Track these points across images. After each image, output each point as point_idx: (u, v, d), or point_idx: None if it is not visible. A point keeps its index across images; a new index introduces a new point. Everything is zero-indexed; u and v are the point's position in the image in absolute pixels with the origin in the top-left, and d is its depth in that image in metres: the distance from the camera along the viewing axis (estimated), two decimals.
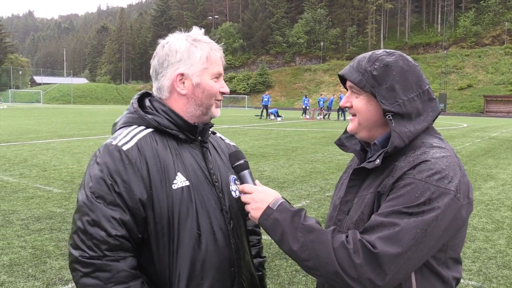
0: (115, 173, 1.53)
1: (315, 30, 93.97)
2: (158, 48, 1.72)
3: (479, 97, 63.32)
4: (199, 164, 1.69)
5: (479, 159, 13.63)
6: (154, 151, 1.60)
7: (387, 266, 1.31)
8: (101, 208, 1.50)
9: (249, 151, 14.08)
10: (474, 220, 6.81)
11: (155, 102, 1.72)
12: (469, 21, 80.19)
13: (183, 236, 1.59)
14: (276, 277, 4.63)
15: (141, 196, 1.54)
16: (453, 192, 1.37)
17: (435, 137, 1.53)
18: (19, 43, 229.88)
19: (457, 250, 1.51)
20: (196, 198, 1.63)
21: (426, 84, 1.54)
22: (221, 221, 1.68)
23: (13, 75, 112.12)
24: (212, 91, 1.69)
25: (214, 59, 1.69)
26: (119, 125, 1.70)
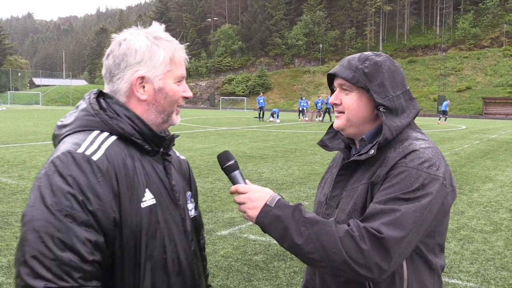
0: (87, 187, 1.26)
1: (314, 32, 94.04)
2: (113, 46, 1.47)
3: (478, 99, 63.42)
4: (162, 180, 1.49)
5: (477, 161, 13.65)
6: (123, 163, 1.37)
7: (393, 250, 1.37)
8: (73, 228, 1.22)
9: (248, 153, 14.09)
10: (473, 222, 6.83)
11: (116, 105, 1.45)
12: (468, 23, 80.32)
13: (150, 261, 1.40)
14: (274, 278, 4.63)
15: (115, 215, 1.31)
16: (441, 178, 1.47)
17: (417, 132, 1.63)
18: (18, 45, 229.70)
19: (442, 236, 1.59)
20: (162, 219, 1.44)
21: (407, 84, 1.66)
22: (185, 244, 1.52)
23: (12, 77, 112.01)
24: (176, 96, 1.49)
25: (178, 60, 1.49)
26: (73, 129, 1.41)
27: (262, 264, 4.98)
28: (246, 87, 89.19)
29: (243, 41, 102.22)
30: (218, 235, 5.90)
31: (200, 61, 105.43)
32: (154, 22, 1.54)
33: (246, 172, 10.55)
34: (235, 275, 4.69)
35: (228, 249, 5.40)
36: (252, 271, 4.80)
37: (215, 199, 7.81)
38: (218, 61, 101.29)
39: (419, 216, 1.41)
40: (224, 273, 4.71)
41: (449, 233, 6.23)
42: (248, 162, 12.14)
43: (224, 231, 6.08)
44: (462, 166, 12.38)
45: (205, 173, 10.22)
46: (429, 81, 73.73)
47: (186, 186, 1.68)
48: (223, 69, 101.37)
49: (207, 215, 6.83)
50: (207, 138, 19.07)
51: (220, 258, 5.11)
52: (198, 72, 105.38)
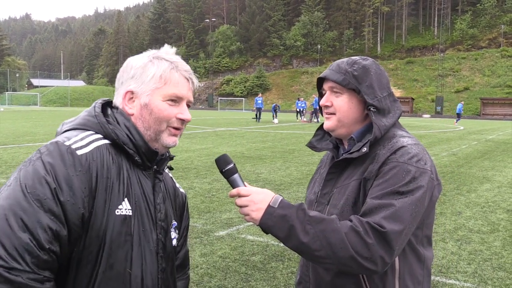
0: (63, 178, 1.27)
1: (312, 33, 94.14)
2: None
3: (476, 99, 63.55)
4: (146, 195, 1.47)
5: (475, 161, 13.67)
6: (107, 166, 1.38)
7: (395, 243, 1.44)
8: (38, 212, 1.22)
9: (246, 154, 14.09)
10: (470, 222, 6.84)
11: (119, 114, 1.48)
12: (466, 24, 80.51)
13: (111, 271, 1.35)
14: (272, 279, 4.64)
15: (84, 211, 1.30)
16: (429, 171, 1.56)
17: (403, 131, 1.72)
18: (16, 45, 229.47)
19: (430, 229, 1.67)
20: (135, 233, 1.40)
21: (391, 87, 1.76)
22: (153, 267, 1.46)
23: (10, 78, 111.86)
24: (162, 114, 1.46)
25: (171, 79, 1.47)
26: (72, 125, 1.46)
27: (260, 265, 4.98)
28: (245, 87, 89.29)
29: (241, 42, 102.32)
30: (216, 236, 5.90)
31: (198, 62, 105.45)
32: (166, 45, 1.58)
33: (244, 173, 10.55)
34: (233, 275, 4.69)
35: (226, 250, 5.40)
36: (250, 271, 4.80)
37: (213, 199, 7.81)
38: (216, 61, 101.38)
39: (414, 208, 1.49)
40: (222, 274, 4.71)
41: (447, 233, 6.24)
42: (246, 163, 12.15)
43: (222, 231, 6.09)
44: (459, 167, 12.40)
45: (203, 173, 10.22)
46: (427, 81, 73.86)
47: (174, 216, 1.64)
48: (222, 70, 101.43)
49: (205, 215, 6.83)
50: (206, 138, 19.08)
51: (218, 259, 5.11)
52: (197, 72, 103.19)
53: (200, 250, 5.37)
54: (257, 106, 36.44)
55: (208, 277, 4.63)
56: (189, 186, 8.89)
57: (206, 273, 4.71)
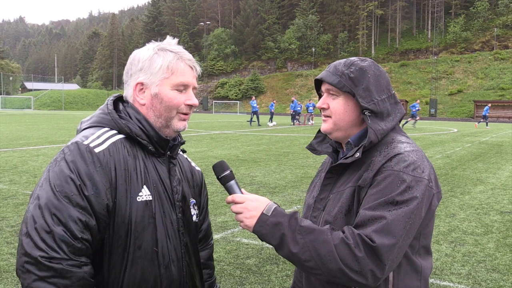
0: (86, 174, 1.44)
1: (306, 36, 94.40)
2: (128, 59, 1.68)
3: (469, 102, 63.87)
4: (162, 180, 1.62)
5: (469, 163, 13.73)
6: (124, 159, 1.53)
7: (385, 257, 1.40)
8: (68, 208, 1.40)
9: (241, 157, 14.09)
10: (464, 224, 6.86)
11: (130, 108, 1.63)
12: (459, 27, 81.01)
13: (139, 251, 1.52)
14: (267, 282, 4.63)
15: (108, 202, 1.46)
16: (426, 180, 1.50)
17: (402, 135, 1.66)
18: (9, 48, 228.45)
19: (428, 239, 1.62)
20: (157, 215, 1.56)
21: (392, 89, 1.70)
22: (176, 242, 1.62)
23: (4, 81, 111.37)
24: (172, 102, 1.59)
25: (177, 68, 1.59)
26: (88, 123, 1.61)
27: (254, 268, 4.98)
28: (239, 91, 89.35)
29: (236, 45, 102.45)
30: None
31: None
32: (168, 37, 1.67)
33: (239, 176, 10.55)
34: (228, 279, 4.68)
35: (221, 253, 5.39)
36: (245, 274, 4.80)
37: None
38: (211, 65, 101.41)
39: (408, 220, 1.43)
40: (217, 277, 4.70)
41: (441, 235, 6.26)
42: (241, 166, 12.14)
43: (217, 235, 6.08)
44: (453, 169, 12.45)
45: None
46: (421, 84, 74.17)
47: (192, 193, 1.79)
48: (216, 73, 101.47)
49: None
50: (200, 142, 19.06)
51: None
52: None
53: None
54: (254, 110, 35.65)
55: None
56: None
57: None
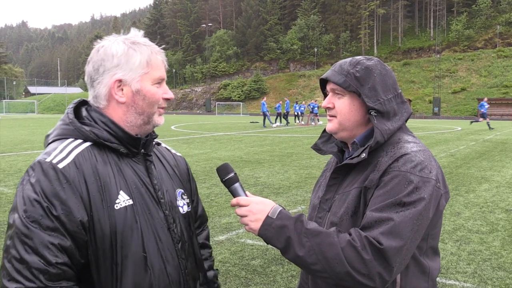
0: (52, 194, 1.35)
1: (308, 36, 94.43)
2: (92, 53, 1.55)
3: (473, 100, 63.65)
4: (142, 180, 1.54)
5: (473, 161, 13.70)
6: (93, 168, 1.44)
7: (393, 259, 1.38)
8: (38, 233, 1.32)
9: (245, 158, 14.10)
10: (469, 223, 6.85)
11: (93, 112, 1.53)
12: (461, 25, 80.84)
13: (128, 260, 1.45)
14: (272, 282, 4.64)
15: (82, 218, 1.38)
16: (434, 181, 1.48)
17: (409, 135, 1.64)
18: (12, 53, 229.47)
19: (436, 239, 1.60)
20: (141, 218, 1.49)
21: (399, 88, 1.68)
22: (168, 241, 1.55)
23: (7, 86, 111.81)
24: (154, 98, 1.53)
25: (155, 63, 1.54)
26: (52, 138, 1.51)
27: (259, 269, 4.98)
28: (242, 92, 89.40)
29: (238, 46, 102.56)
30: (216, 240, 5.90)
31: (195, 67, 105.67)
32: (133, 29, 1.59)
33: (243, 177, 10.55)
34: (233, 280, 4.69)
35: (226, 254, 5.40)
36: (250, 275, 4.80)
37: (212, 204, 7.81)
38: (213, 66, 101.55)
39: (416, 222, 1.41)
40: (222, 278, 4.71)
41: (446, 234, 6.25)
42: (244, 167, 12.15)
43: (222, 236, 6.09)
44: (458, 167, 12.42)
45: (201, 178, 10.22)
46: (424, 83, 74.04)
47: (178, 183, 1.71)
48: (219, 75, 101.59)
49: None
50: (204, 143, 19.08)
51: (218, 263, 5.11)
52: (194, 77, 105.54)
53: None
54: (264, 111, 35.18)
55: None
56: None
57: None
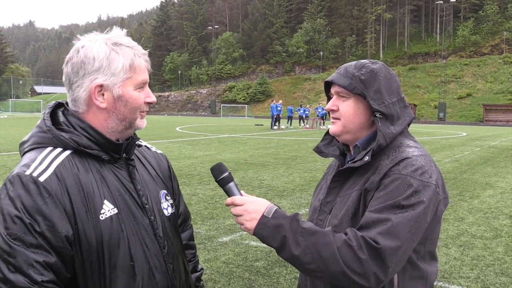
0: (34, 209, 1.28)
1: (314, 39, 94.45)
2: (71, 53, 1.45)
3: (479, 106, 63.51)
4: (126, 187, 1.48)
5: (478, 167, 13.67)
6: (75, 179, 1.37)
7: (389, 260, 1.38)
8: (21, 251, 1.25)
9: (249, 160, 14.13)
10: (473, 228, 6.85)
11: (71, 116, 1.45)
12: (468, 30, 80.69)
13: (116, 271, 1.40)
14: (275, 284, 4.66)
15: (66, 233, 1.32)
16: (434, 185, 1.49)
17: (411, 140, 1.65)
18: (19, 53, 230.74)
19: (434, 244, 1.60)
20: (127, 227, 1.44)
21: (402, 92, 1.68)
22: (155, 247, 1.51)
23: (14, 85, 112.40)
24: (137, 103, 1.46)
25: (138, 66, 1.46)
26: (29, 146, 1.43)
27: (263, 270, 5.01)
28: (247, 94, 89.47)
29: (244, 49, 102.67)
30: (220, 242, 5.93)
31: (201, 69, 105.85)
32: (115, 27, 1.51)
33: (247, 179, 10.58)
34: (237, 281, 4.71)
35: (230, 256, 5.43)
36: (253, 277, 4.83)
37: (216, 206, 7.84)
38: (219, 68, 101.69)
39: (414, 224, 1.42)
40: (226, 279, 4.74)
41: (450, 239, 6.26)
42: (249, 169, 12.18)
43: (225, 237, 6.11)
44: (462, 173, 12.40)
45: (206, 180, 10.25)
46: (429, 88, 73.91)
47: (161, 184, 1.66)
48: (224, 77, 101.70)
49: (208, 221, 6.86)
50: (208, 145, 19.12)
51: (222, 264, 5.14)
52: (199, 79, 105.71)
53: (204, 255, 5.40)
54: (278, 113, 35.05)
55: (212, 283, 4.66)
56: (192, 192, 8.92)
57: (210, 279, 4.74)
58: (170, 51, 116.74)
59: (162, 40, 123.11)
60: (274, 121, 35.45)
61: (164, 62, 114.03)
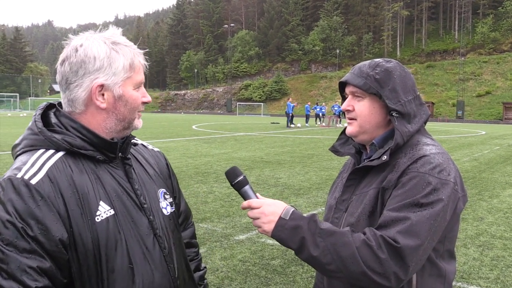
0: (26, 213, 1.23)
1: (331, 37, 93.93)
2: (69, 51, 1.40)
3: (498, 104, 62.53)
4: (123, 187, 1.44)
5: (497, 166, 13.47)
6: (69, 180, 1.33)
7: (410, 259, 1.37)
8: (14, 257, 1.20)
9: (265, 159, 14.13)
10: (493, 228, 6.75)
11: (63, 117, 1.41)
12: (487, 27, 79.42)
13: (114, 274, 1.35)
14: (292, 283, 4.65)
15: (61, 236, 1.27)
16: (452, 183, 1.48)
17: (427, 137, 1.64)
18: (38, 52, 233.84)
19: (452, 243, 1.59)
20: (124, 228, 1.39)
21: (417, 90, 1.67)
22: (155, 248, 1.46)
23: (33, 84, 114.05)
24: (136, 103, 1.45)
25: (137, 66, 1.45)
26: (21, 149, 1.39)
27: (279, 269, 5.00)
28: (263, 92, 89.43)
29: (260, 47, 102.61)
30: (236, 240, 5.94)
31: (217, 67, 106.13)
32: (111, 26, 1.47)
33: (263, 178, 10.59)
34: (253, 279, 4.72)
35: (246, 254, 5.43)
36: (270, 275, 4.83)
37: (232, 204, 7.85)
38: (234, 67, 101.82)
39: (433, 223, 1.41)
40: (242, 277, 4.75)
41: (468, 239, 6.18)
42: (265, 168, 12.18)
43: (242, 235, 6.12)
44: (481, 172, 12.24)
45: (222, 178, 10.28)
46: (447, 86, 73.01)
47: (159, 183, 1.61)
48: (240, 75, 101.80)
49: (224, 219, 6.88)
50: (225, 143, 19.16)
51: (238, 262, 5.15)
52: (215, 78, 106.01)
53: (220, 253, 5.41)
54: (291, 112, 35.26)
55: (228, 280, 4.67)
56: (209, 190, 8.96)
57: (226, 277, 4.75)
58: (186, 49, 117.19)
59: (178, 39, 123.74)
60: (291, 119, 35.45)
61: (180, 60, 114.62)
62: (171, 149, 16.22)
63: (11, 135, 21.45)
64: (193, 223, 1.93)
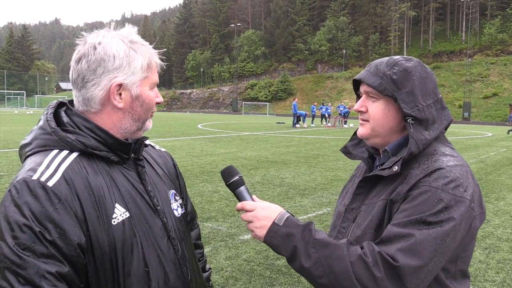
0: (43, 216, 1.19)
1: (337, 37, 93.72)
2: (86, 49, 1.35)
3: (505, 105, 62.17)
4: (137, 189, 1.41)
5: (504, 168, 13.40)
6: (85, 182, 1.29)
7: (408, 280, 1.26)
8: (32, 262, 1.16)
9: (271, 158, 14.11)
10: (499, 231, 6.71)
11: (75, 117, 1.37)
12: (495, 28, 78.97)
13: (130, 278, 1.33)
14: (296, 283, 4.64)
15: (79, 240, 1.23)
16: (468, 201, 1.34)
17: (447, 146, 1.50)
18: (45, 50, 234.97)
19: (466, 263, 1.46)
20: (139, 231, 1.36)
21: (439, 92, 1.53)
22: (169, 251, 1.44)
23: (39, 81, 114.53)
24: (152, 103, 1.43)
25: (154, 66, 1.43)
26: (32, 149, 1.34)
27: (284, 269, 4.99)
28: (269, 92, 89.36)
29: (266, 47, 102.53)
30: (241, 239, 5.93)
31: (223, 66, 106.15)
32: (127, 25, 1.44)
33: (268, 177, 10.58)
34: (258, 279, 4.71)
35: (251, 253, 5.43)
36: (275, 275, 4.82)
37: (237, 203, 7.84)
38: (241, 66, 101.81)
39: (440, 243, 1.29)
40: (247, 277, 4.74)
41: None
42: (270, 167, 12.17)
43: (247, 235, 6.12)
44: (488, 174, 12.17)
45: None
46: (454, 87, 72.68)
47: (169, 184, 1.60)
48: (246, 75, 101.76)
49: (229, 219, 6.88)
50: (230, 143, 19.16)
51: (243, 262, 5.14)
52: (221, 77, 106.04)
53: (225, 253, 5.41)
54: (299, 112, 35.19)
55: (233, 280, 4.67)
56: (214, 189, 8.96)
57: (231, 276, 4.75)
58: (193, 48, 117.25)
59: (185, 38, 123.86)
60: (297, 120, 35.42)
61: (186, 59, 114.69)
62: (177, 148, 16.24)
63: (17, 133, 21.55)
64: (198, 224, 1.91)
